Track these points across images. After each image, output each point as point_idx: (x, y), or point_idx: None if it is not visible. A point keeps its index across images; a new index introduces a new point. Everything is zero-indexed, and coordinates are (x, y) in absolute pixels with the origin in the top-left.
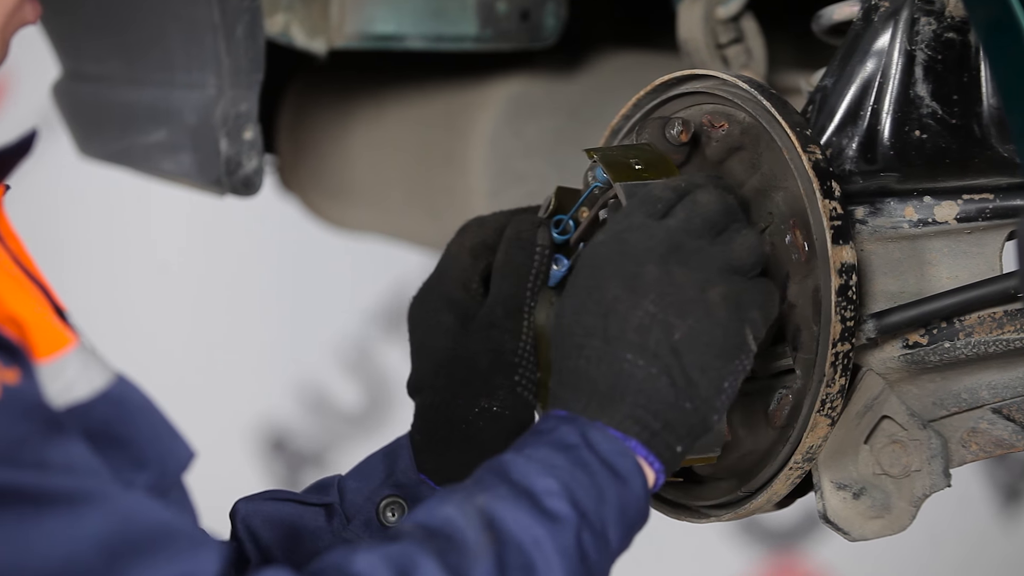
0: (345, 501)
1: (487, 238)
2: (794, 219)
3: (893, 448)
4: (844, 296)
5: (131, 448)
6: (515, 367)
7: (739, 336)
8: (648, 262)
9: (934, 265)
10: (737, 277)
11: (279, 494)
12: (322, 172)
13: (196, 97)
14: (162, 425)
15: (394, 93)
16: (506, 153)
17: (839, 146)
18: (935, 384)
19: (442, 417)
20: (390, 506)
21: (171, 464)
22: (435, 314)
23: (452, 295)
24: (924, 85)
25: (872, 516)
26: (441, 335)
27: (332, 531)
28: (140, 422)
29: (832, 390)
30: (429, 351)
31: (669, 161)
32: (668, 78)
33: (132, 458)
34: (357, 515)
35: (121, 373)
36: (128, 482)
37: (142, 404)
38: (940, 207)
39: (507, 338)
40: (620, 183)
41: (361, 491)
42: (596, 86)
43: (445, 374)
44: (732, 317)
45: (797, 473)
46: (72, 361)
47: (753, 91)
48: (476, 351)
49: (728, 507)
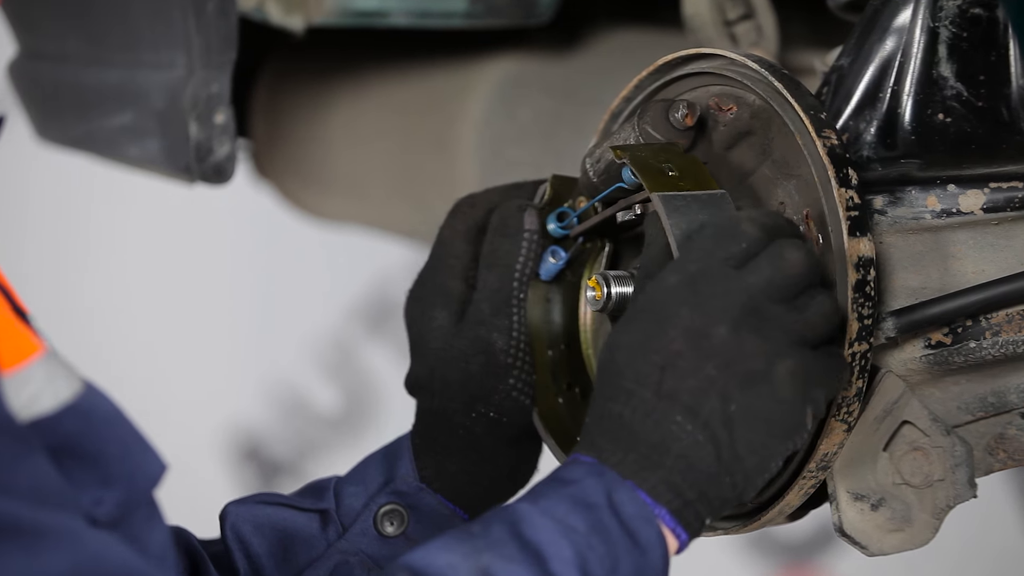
0: (341, 507)
1: (480, 219)
2: (807, 209)
3: (914, 456)
4: (861, 292)
5: (98, 465)
6: (509, 369)
7: (799, 416)
8: (720, 323)
9: (959, 259)
10: (808, 350)
11: (271, 498)
12: (299, 158)
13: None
14: (132, 438)
15: (377, 74)
16: (498, 138)
17: (856, 131)
18: (960, 387)
19: (440, 423)
20: (389, 515)
21: (140, 480)
22: (428, 309)
23: (446, 286)
24: (948, 65)
25: (891, 529)
26: (434, 333)
27: (327, 540)
28: (108, 436)
29: (848, 393)
30: (424, 351)
31: (702, 167)
32: (672, 57)
33: (99, 475)
34: (354, 523)
35: (89, 381)
36: (96, 501)
37: (111, 415)
38: (965, 196)
39: (496, 337)
40: (658, 194)
41: (359, 496)
42: (595, 66)
43: (440, 377)
44: (796, 396)
45: (811, 483)
46: (37, 371)
47: (764, 71)
48: (467, 353)
49: (737, 519)
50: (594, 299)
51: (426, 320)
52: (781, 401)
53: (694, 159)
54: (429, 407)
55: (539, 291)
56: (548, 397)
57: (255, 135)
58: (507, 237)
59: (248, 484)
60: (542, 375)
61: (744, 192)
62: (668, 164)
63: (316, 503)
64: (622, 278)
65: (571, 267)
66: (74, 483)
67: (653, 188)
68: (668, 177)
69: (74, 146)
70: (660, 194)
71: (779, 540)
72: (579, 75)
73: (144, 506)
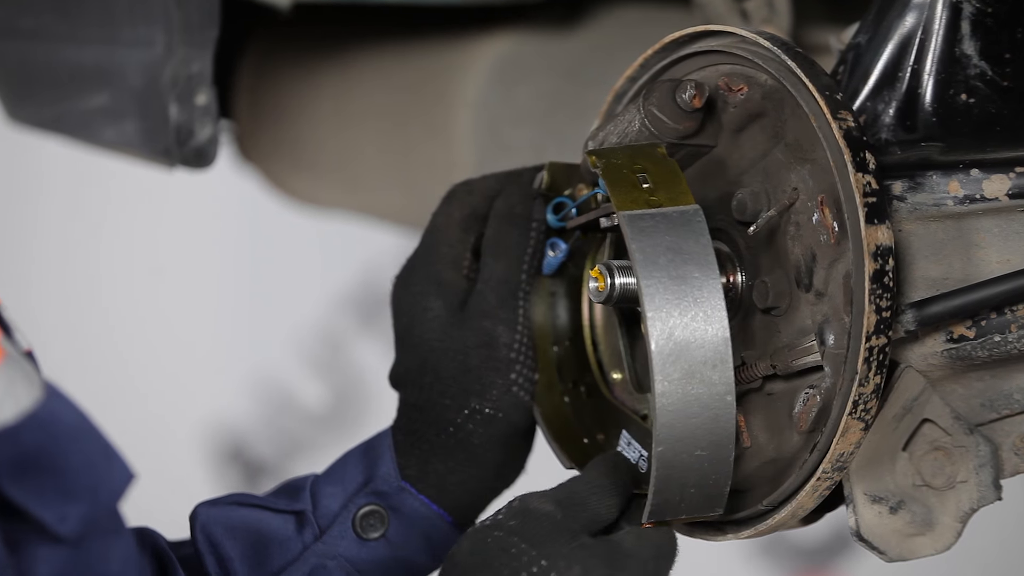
0: (319, 508)
1: (477, 207)
2: (823, 195)
3: (935, 456)
4: (879, 283)
5: (61, 478)
6: (511, 364)
7: None
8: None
9: (982, 247)
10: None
11: (244, 498)
12: (286, 141)
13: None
14: (96, 447)
15: (368, 53)
16: (495, 121)
17: (874, 112)
18: (984, 383)
19: (428, 419)
20: (368, 516)
21: (104, 494)
22: (422, 299)
23: (441, 276)
24: (972, 42)
25: (911, 533)
26: (428, 324)
27: (303, 543)
28: (71, 447)
29: (866, 390)
30: (414, 341)
31: (680, 175)
32: (680, 35)
33: (62, 489)
34: (332, 525)
35: (52, 385)
36: (60, 518)
37: (74, 424)
38: (989, 181)
39: (501, 330)
40: (625, 214)
41: (336, 497)
42: (598, 44)
43: (432, 370)
44: None
45: (826, 484)
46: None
47: (776, 49)
48: (467, 345)
49: (748, 522)
50: (597, 290)
51: (419, 310)
52: None
53: (673, 166)
54: (415, 401)
55: (541, 285)
56: (553, 396)
57: (239, 117)
58: (515, 226)
59: (231, 485)
60: (547, 373)
61: (755, 177)
62: (644, 173)
63: (291, 504)
64: (626, 268)
65: (573, 259)
66: (37, 499)
67: (621, 206)
68: (640, 190)
69: (47, 128)
70: (627, 214)
71: (793, 545)
72: (581, 53)
73: (107, 519)
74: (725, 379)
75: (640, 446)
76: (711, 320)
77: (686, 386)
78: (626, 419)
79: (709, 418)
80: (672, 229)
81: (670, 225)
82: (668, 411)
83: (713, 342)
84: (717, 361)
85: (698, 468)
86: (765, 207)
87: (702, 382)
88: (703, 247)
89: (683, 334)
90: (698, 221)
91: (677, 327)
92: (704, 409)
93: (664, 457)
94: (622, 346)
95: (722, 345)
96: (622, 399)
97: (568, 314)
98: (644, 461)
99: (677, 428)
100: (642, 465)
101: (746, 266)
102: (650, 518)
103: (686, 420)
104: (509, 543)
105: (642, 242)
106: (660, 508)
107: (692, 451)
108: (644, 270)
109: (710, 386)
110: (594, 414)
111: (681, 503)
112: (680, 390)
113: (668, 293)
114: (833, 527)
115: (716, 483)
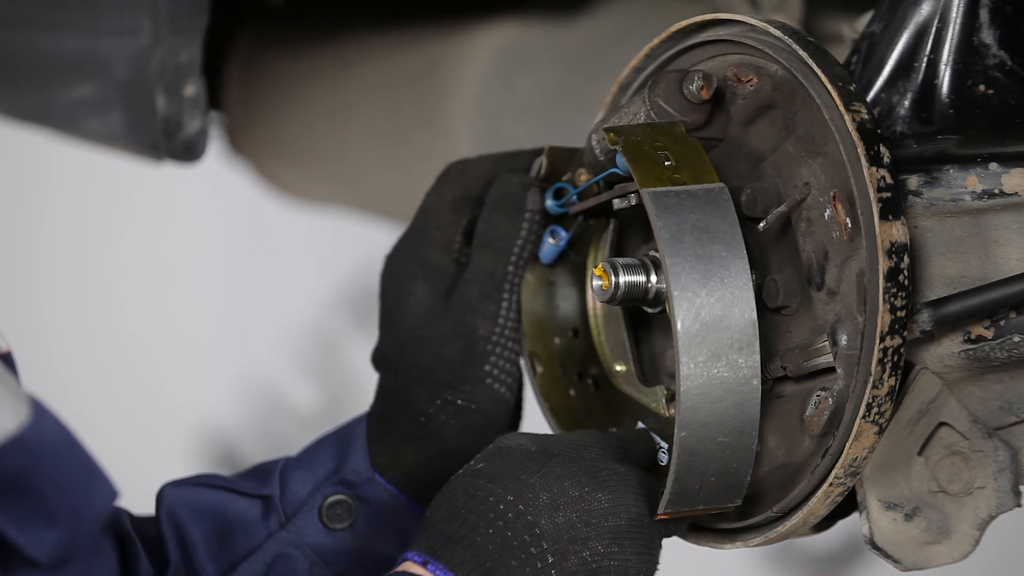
0: (286, 494)
1: (471, 188)
2: (835, 190)
3: (952, 461)
4: (894, 281)
5: (42, 502)
6: (486, 356)
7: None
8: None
9: (1001, 244)
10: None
11: (211, 480)
12: (277, 134)
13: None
14: (79, 468)
15: (362, 42)
16: (495, 112)
17: (889, 104)
18: (1002, 385)
19: (401, 407)
20: (335, 506)
21: (86, 516)
22: (408, 281)
23: (429, 259)
24: (990, 31)
25: (927, 541)
26: (411, 309)
27: (267, 529)
28: (53, 470)
29: (880, 392)
30: (396, 326)
31: (703, 154)
32: (687, 23)
33: (43, 514)
34: (299, 511)
35: (37, 402)
36: (37, 542)
37: (57, 443)
38: (1009, 176)
39: (480, 323)
40: (649, 191)
41: (305, 483)
42: (602, 33)
43: (409, 357)
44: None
45: (839, 490)
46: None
47: (787, 39)
48: (444, 336)
49: (757, 529)
50: (601, 289)
51: (404, 293)
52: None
53: (695, 144)
54: (391, 388)
55: (540, 274)
56: (558, 390)
57: (229, 108)
58: (506, 216)
59: None
60: (550, 367)
61: (765, 172)
62: (665, 151)
63: (259, 487)
64: (631, 266)
65: (574, 247)
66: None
67: (644, 182)
68: (663, 168)
69: (29, 120)
70: (651, 191)
71: (804, 552)
72: (585, 43)
73: (88, 541)
74: (752, 363)
75: (658, 438)
76: (738, 301)
77: (711, 369)
78: (641, 410)
79: (734, 403)
80: (698, 207)
81: (696, 203)
82: (693, 394)
83: (740, 324)
84: (744, 344)
85: (720, 456)
86: (775, 203)
87: (728, 365)
88: (730, 225)
89: (710, 315)
90: (724, 199)
91: (704, 307)
92: (729, 393)
93: (687, 443)
94: (626, 337)
95: (749, 327)
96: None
97: (569, 304)
98: (664, 453)
99: (701, 412)
100: (661, 458)
101: (756, 264)
102: (668, 507)
103: (711, 405)
104: (475, 487)
105: (667, 219)
106: (679, 497)
107: (715, 437)
108: (670, 248)
109: (736, 370)
110: (606, 406)
111: (700, 492)
112: (705, 373)
113: (695, 272)
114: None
115: (737, 472)
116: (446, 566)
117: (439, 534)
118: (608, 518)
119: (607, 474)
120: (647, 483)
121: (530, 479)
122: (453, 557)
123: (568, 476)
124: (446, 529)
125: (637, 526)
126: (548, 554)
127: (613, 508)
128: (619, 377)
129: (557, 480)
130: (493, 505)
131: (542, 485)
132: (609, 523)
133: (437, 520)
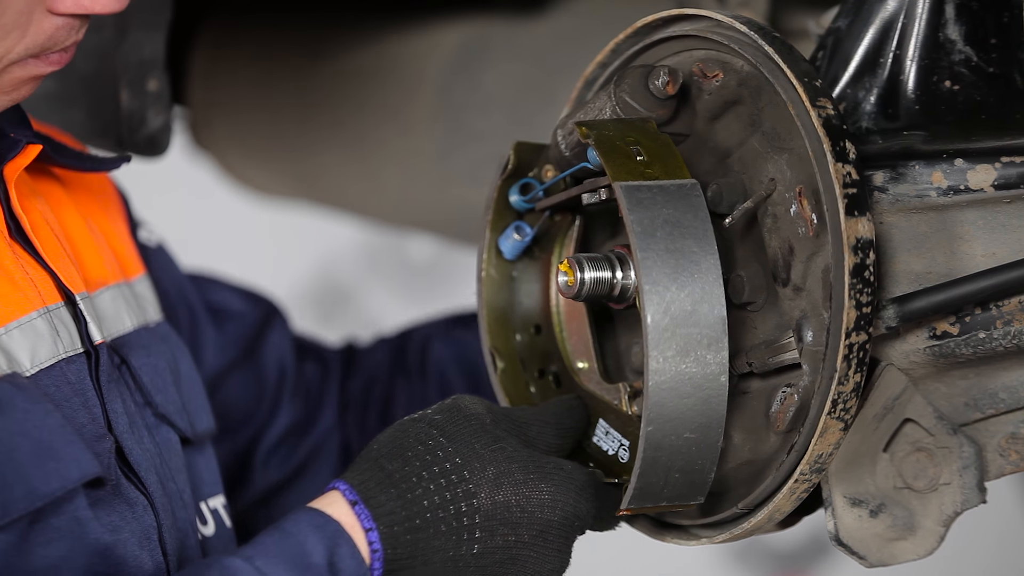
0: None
1: None
2: (801, 186)
3: (918, 457)
4: (860, 277)
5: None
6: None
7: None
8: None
9: (967, 240)
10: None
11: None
12: (241, 129)
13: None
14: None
15: (326, 37)
16: (459, 107)
17: (854, 100)
18: (968, 381)
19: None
20: None
21: (17, 494)
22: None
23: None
24: (956, 27)
25: (893, 537)
26: None
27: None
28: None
29: (845, 388)
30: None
31: (674, 150)
32: (653, 19)
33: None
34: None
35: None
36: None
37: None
38: (974, 172)
39: None
40: (621, 185)
41: None
42: (567, 27)
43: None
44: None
45: (804, 486)
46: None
47: (753, 34)
48: None
49: (722, 526)
50: (566, 284)
51: None
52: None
53: (666, 140)
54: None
55: (503, 270)
56: (519, 387)
57: (193, 103)
58: None
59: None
60: (511, 363)
61: (731, 167)
62: (637, 145)
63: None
64: (597, 262)
65: (538, 243)
66: None
67: (617, 176)
68: (635, 162)
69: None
70: (623, 184)
71: (769, 549)
72: (550, 38)
73: (30, 523)
74: (720, 359)
75: (619, 435)
76: (708, 296)
77: (680, 364)
78: (603, 407)
79: (701, 399)
80: (670, 202)
81: (668, 198)
82: (661, 389)
83: (709, 320)
84: (712, 340)
85: (686, 452)
86: (741, 198)
87: (696, 361)
88: (701, 221)
89: (680, 309)
90: (696, 195)
91: (674, 302)
92: (697, 389)
93: (653, 438)
94: (590, 334)
95: (719, 323)
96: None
97: (532, 300)
98: (624, 451)
99: (668, 408)
100: (622, 455)
101: (721, 259)
102: (631, 503)
103: (678, 400)
104: (429, 435)
105: (639, 214)
106: (642, 492)
107: (682, 433)
108: (642, 242)
109: (704, 366)
110: None
111: (664, 488)
112: (674, 368)
113: (666, 267)
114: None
115: (701, 469)
116: (373, 514)
117: (379, 469)
118: (544, 510)
119: (554, 467)
120: (590, 486)
121: (482, 450)
122: (383, 505)
123: (517, 459)
124: (388, 466)
125: (566, 526)
126: (478, 528)
127: (552, 502)
128: (581, 374)
129: (506, 459)
130: (440, 460)
131: (491, 459)
132: (543, 515)
133: (382, 453)
